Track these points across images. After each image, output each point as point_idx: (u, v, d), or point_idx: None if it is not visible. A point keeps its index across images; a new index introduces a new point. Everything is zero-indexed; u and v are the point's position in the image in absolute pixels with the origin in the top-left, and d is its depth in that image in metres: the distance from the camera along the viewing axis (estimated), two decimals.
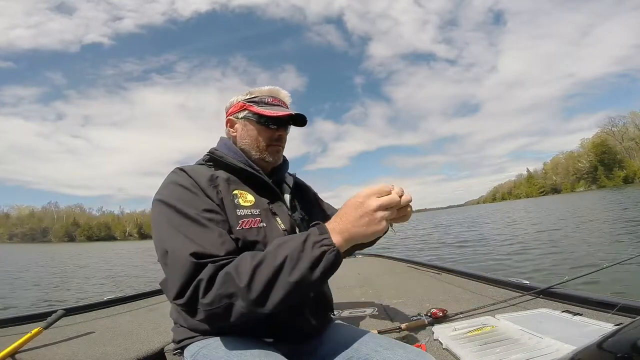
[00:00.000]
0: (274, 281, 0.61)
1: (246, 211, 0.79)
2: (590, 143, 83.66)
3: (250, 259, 0.65)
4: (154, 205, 0.77)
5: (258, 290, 0.61)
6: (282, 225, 0.83)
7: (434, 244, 9.82)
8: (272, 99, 0.92)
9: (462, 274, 2.18)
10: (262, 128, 0.90)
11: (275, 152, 0.93)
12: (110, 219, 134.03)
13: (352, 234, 0.63)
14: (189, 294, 0.63)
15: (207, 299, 0.63)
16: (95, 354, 1.27)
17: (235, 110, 0.93)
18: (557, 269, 4.66)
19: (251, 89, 0.94)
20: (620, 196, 23.10)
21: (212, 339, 0.76)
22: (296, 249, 0.62)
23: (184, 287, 0.64)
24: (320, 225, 0.66)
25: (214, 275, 0.64)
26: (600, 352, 0.40)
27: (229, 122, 0.95)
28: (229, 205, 0.78)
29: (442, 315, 1.41)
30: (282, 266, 0.61)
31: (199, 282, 0.63)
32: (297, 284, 0.61)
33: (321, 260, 0.61)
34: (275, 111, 0.88)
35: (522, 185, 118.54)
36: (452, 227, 16.41)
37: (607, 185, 72.10)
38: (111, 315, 1.87)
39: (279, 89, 0.95)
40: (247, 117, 0.91)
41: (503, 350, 1.04)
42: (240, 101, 0.92)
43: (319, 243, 0.62)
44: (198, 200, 0.74)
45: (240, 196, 0.81)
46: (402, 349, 0.75)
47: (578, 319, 1.22)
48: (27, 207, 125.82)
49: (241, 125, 0.92)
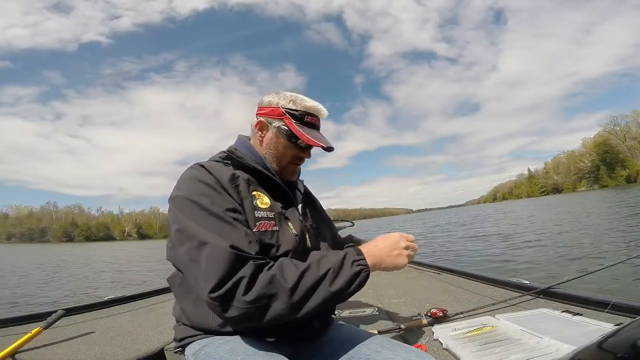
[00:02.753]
0: (316, 288, 0.67)
1: (263, 213, 0.79)
2: (592, 142, 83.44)
3: (294, 265, 0.69)
4: (176, 201, 0.76)
5: (300, 295, 0.66)
6: (294, 230, 0.83)
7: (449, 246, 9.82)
8: (311, 118, 0.89)
9: (462, 274, 2.18)
10: (290, 145, 0.88)
11: (293, 172, 0.94)
12: (110, 219, 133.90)
13: (382, 261, 0.77)
14: (228, 288, 0.63)
15: (249, 296, 0.63)
16: (95, 354, 1.27)
17: (270, 114, 0.89)
18: (557, 269, 4.66)
19: (294, 97, 0.89)
20: (626, 195, 23.02)
21: (214, 338, 0.76)
22: (337, 263, 0.71)
23: (224, 280, 0.64)
24: (356, 248, 0.77)
25: (255, 274, 0.65)
26: (600, 352, 0.40)
27: (259, 124, 0.90)
28: (248, 206, 0.78)
29: (442, 315, 1.41)
30: (324, 276, 0.68)
31: (241, 279, 0.64)
32: (334, 294, 0.68)
33: (357, 277, 0.71)
34: (311, 136, 0.86)
35: (523, 185, 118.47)
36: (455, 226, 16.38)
37: (609, 184, 71.97)
38: (111, 315, 1.87)
39: (320, 107, 0.92)
40: (280, 128, 0.87)
41: (503, 350, 1.04)
42: (279, 107, 0.88)
43: (357, 262, 0.72)
44: (221, 199, 0.74)
45: (258, 198, 0.81)
46: (403, 350, 0.75)
47: (578, 319, 1.22)
48: (25, 207, 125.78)
49: (271, 134, 0.89)
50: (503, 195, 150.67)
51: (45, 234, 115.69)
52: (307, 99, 0.91)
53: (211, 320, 0.76)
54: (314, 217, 1.00)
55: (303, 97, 0.91)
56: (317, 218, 1.02)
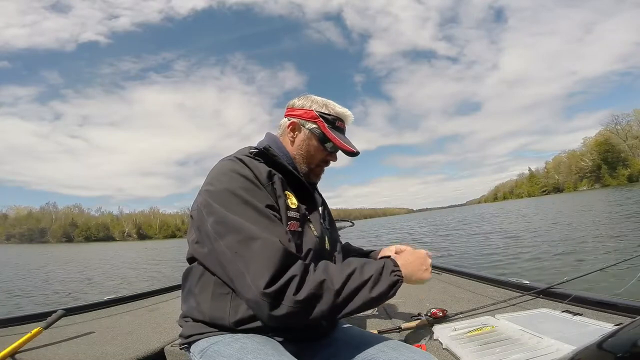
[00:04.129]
0: (358, 292, 0.70)
1: (293, 213, 0.81)
2: (594, 141, 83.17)
3: (340, 268, 0.72)
4: (213, 193, 0.75)
5: (345, 296, 0.68)
6: (315, 232, 0.86)
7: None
8: (341, 123, 0.95)
9: (462, 274, 2.18)
10: (321, 148, 0.93)
11: (319, 174, 0.99)
12: (109, 219, 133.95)
13: (413, 274, 0.83)
14: (281, 285, 0.64)
15: (300, 295, 0.64)
16: (95, 354, 1.27)
17: (304, 116, 0.93)
18: (557, 269, 4.65)
19: (327, 102, 0.95)
20: (630, 194, 22.96)
21: (222, 336, 0.75)
22: (378, 270, 0.75)
23: (277, 276, 0.64)
24: (392, 259, 0.81)
25: (304, 273, 0.67)
26: (600, 352, 0.40)
27: (292, 125, 0.94)
28: (282, 205, 0.79)
29: (442, 315, 1.41)
30: (367, 282, 0.72)
31: (293, 278, 0.65)
32: (372, 300, 0.72)
33: (394, 286, 0.76)
34: (344, 141, 0.92)
35: (524, 184, 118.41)
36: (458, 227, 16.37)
37: (611, 184, 71.83)
38: (111, 315, 1.87)
39: (350, 114, 0.97)
40: (313, 131, 0.92)
41: (503, 350, 1.04)
42: (313, 110, 0.93)
43: (395, 273, 0.77)
44: (261, 195, 0.75)
45: (288, 198, 0.83)
46: (407, 350, 0.77)
47: (578, 319, 1.22)
48: (25, 207, 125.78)
49: (304, 135, 0.93)
50: (504, 194, 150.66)
51: (44, 234, 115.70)
52: (337, 104, 0.96)
53: (227, 316, 0.75)
54: (329, 221, 1.04)
55: (334, 103, 0.96)
56: (331, 221, 1.07)
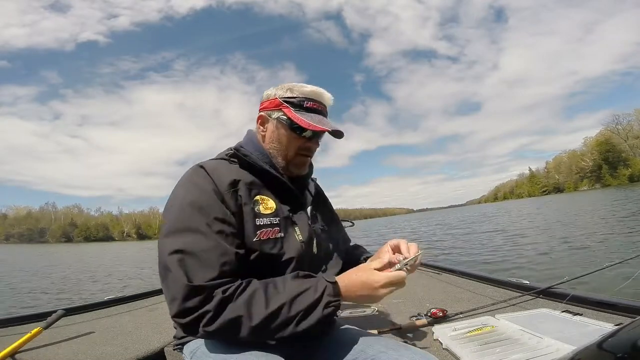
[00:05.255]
0: (283, 328, 0.67)
1: (265, 220, 0.76)
2: (594, 141, 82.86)
3: (266, 300, 0.66)
4: (166, 204, 0.75)
5: (265, 332, 0.66)
6: (300, 236, 0.80)
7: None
8: (312, 103, 0.83)
9: (462, 274, 2.18)
10: (293, 136, 0.83)
11: (301, 164, 0.88)
12: (109, 219, 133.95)
13: (356, 301, 0.76)
14: (191, 319, 0.64)
15: (211, 328, 0.63)
16: (95, 354, 1.27)
17: (269, 107, 0.85)
18: (557, 269, 4.65)
19: (292, 85, 0.85)
20: (633, 194, 22.91)
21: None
22: (311, 305, 0.69)
23: (185, 312, 0.64)
24: (336, 286, 0.73)
25: (220, 308, 0.64)
26: (600, 352, 0.40)
27: (260, 119, 0.88)
28: (248, 213, 0.75)
29: (442, 315, 1.41)
30: (293, 318, 0.67)
31: (205, 313, 0.63)
32: (301, 332, 0.68)
33: (326, 319, 0.70)
34: (312, 120, 0.80)
35: (524, 184, 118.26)
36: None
37: (611, 184, 71.56)
38: (111, 315, 1.87)
39: (322, 91, 0.86)
40: (280, 119, 0.83)
41: (503, 350, 1.04)
42: (277, 97, 0.84)
43: (332, 304, 0.70)
44: (212, 207, 0.71)
45: (261, 202, 0.78)
46: (408, 350, 0.74)
47: (578, 319, 1.22)
48: (24, 207, 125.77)
49: (272, 126, 0.85)
50: (504, 195, 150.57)
51: (44, 234, 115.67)
52: (306, 85, 0.86)
53: None
54: (325, 220, 0.96)
55: (302, 84, 0.86)
56: (328, 219, 0.98)
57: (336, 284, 0.73)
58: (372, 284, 0.72)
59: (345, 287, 0.73)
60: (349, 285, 0.73)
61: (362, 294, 0.73)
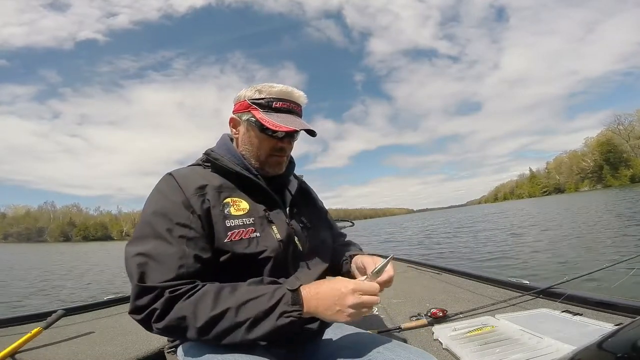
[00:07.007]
0: (230, 332, 0.64)
1: (237, 221, 0.75)
2: (595, 142, 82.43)
3: (212, 302, 0.65)
4: (141, 216, 0.77)
5: (212, 335, 0.65)
6: (278, 234, 0.78)
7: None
8: (281, 103, 0.81)
9: (462, 274, 2.18)
10: (264, 137, 0.82)
11: (276, 164, 0.86)
12: (108, 218, 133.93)
13: (319, 314, 0.67)
14: (143, 317, 0.66)
15: (160, 324, 0.65)
16: (95, 354, 1.27)
17: (239, 109, 0.85)
18: (557, 269, 4.65)
19: (260, 86, 0.83)
20: (633, 194, 22.89)
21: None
22: (263, 313, 0.64)
23: (138, 310, 0.66)
24: (296, 295, 0.67)
25: (167, 307, 0.65)
26: (600, 352, 0.40)
27: (232, 121, 0.87)
28: (217, 215, 0.74)
29: (442, 315, 1.41)
30: (241, 324, 0.64)
31: (154, 311, 0.65)
32: (253, 340, 0.64)
33: (282, 329, 0.65)
34: (281, 121, 0.79)
35: (525, 185, 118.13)
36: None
37: (613, 184, 71.33)
38: (111, 315, 1.87)
39: (292, 90, 0.84)
40: (249, 121, 0.82)
41: (503, 350, 1.04)
42: (245, 99, 0.83)
43: (288, 314, 0.65)
44: (175, 214, 0.72)
45: (232, 204, 0.77)
46: (404, 350, 0.73)
47: (578, 319, 1.22)
48: (23, 206, 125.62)
49: (243, 129, 0.85)
50: (504, 195, 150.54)
51: (42, 233, 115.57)
52: (276, 84, 0.83)
53: None
54: (310, 217, 0.92)
55: (271, 84, 0.83)
56: (314, 218, 0.95)
57: (297, 292, 0.67)
58: (339, 289, 0.66)
59: (309, 293, 0.67)
60: (314, 293, 0.68)
61: (328, 302, 0.66)
